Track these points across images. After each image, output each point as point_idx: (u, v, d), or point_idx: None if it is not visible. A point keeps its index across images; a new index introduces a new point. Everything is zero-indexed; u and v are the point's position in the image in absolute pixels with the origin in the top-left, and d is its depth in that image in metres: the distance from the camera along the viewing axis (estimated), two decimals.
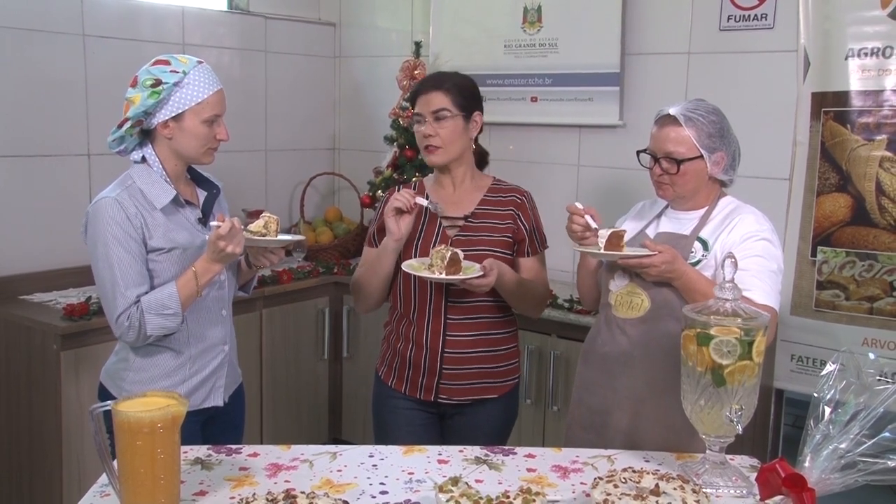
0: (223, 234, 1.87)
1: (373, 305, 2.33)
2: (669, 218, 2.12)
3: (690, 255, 1.99)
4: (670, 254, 1.90)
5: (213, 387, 2.12)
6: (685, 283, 1.92)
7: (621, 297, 2.05)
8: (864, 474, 1.36)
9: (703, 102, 2.05)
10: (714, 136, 2.00)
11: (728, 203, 2.07)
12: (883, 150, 2.87)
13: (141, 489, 1.43)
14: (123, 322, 1.93)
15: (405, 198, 2.14)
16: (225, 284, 2.14)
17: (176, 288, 1.94)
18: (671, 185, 2.03)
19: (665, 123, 2.02)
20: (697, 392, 1.62)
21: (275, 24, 4.18)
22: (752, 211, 2.04)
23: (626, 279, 2.04)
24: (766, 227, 2.00)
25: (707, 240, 2.01)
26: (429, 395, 2.24)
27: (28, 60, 3.21)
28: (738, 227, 1.98)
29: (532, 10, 3.69)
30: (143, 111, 1.94)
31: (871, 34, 2.85)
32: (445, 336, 2.21)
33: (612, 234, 1.93)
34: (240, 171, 3.94)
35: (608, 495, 1.42)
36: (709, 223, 2.03)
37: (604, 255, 1.96)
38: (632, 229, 2.15)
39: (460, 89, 2.22)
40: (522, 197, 2.30)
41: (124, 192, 1.97)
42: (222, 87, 2.03)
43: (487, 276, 2.07)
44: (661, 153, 2.02)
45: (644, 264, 1.91)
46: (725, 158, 2.02)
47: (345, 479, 1.65)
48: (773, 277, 1.95)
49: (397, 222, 2.15)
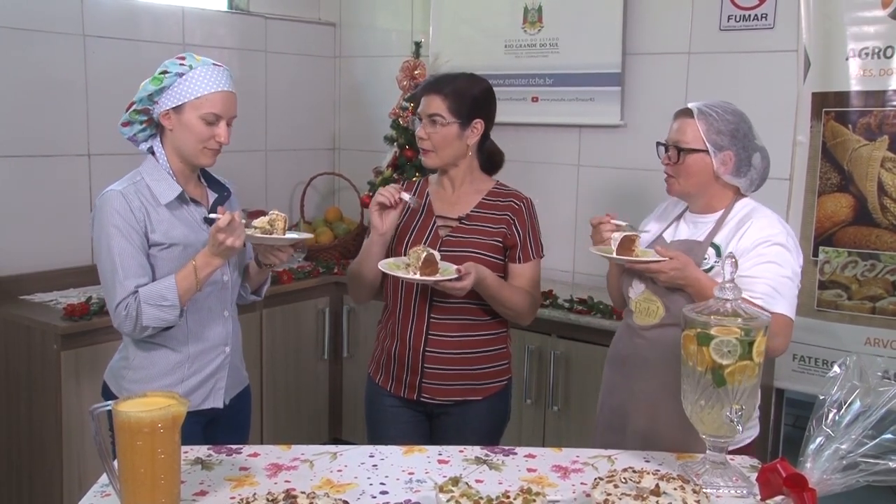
0: (222, 226, 1.88)
1: (364, 297, 2.35)
2: (687, 221, 2.11)
3: (704, 261, 1.98)
4: (682, 260, 1.90)
5: (214, 388, 2.12)
6: (697, 289, 1.90)
7: (639, 305, 2.06)
8: (865, 475, 1.36)
9: (727, 104, 2.04)
10: (724, 133, 1.98)
11: (743, 206, 2.03)
12: (885, 151, 2.87)
13: (141, 489, 1.43)
14: (121, 312, 1.94)
15: (389, 193, 2.15)
16: (228, 286, 2.14)
17: (175, 280, 1.94)
18: (675, 178, 2.04)
19: (680, 115, 2.05)
20: (698, 392, 1.61)
21: (275, 24, 4.17)
22: (766, 214, 2.00)
23: (643, 286, 2.05)
24: (780, 231, 1.96)
25: (720, 245, 1.98)
26: (412, 393, 2.24)
27: (28, 60, 3.21)
28: (750, 231, 1.95)
29: (532, 10, 3.69)
30: (145, 95, 1.98)
31: (872, 34, 2.85)
32: (428, 335, 2.21)
33: (625, 238, 1.93)
34: (240, 171, 3.93)
35: (608, 495, 1.42)
36: (723, 228, 2.01)
37: (615, 258, 1.96)
38: (654, 231, 2.16)
39: (460, 96, 2.18)
40: (521, 203, 2.26)
41: (131, 186, 2.00)
42: (231, 91, 2.02)
43: (463, 279, 2.05)
44: (670, 142, 2.04)
45: (653, 270, 1.92)
46: (733, 159, 1.99)
47: (345, 479, 1.65)
48: (787, 285, 1.91)
49: (381, 217, 2.16)
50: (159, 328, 1.98)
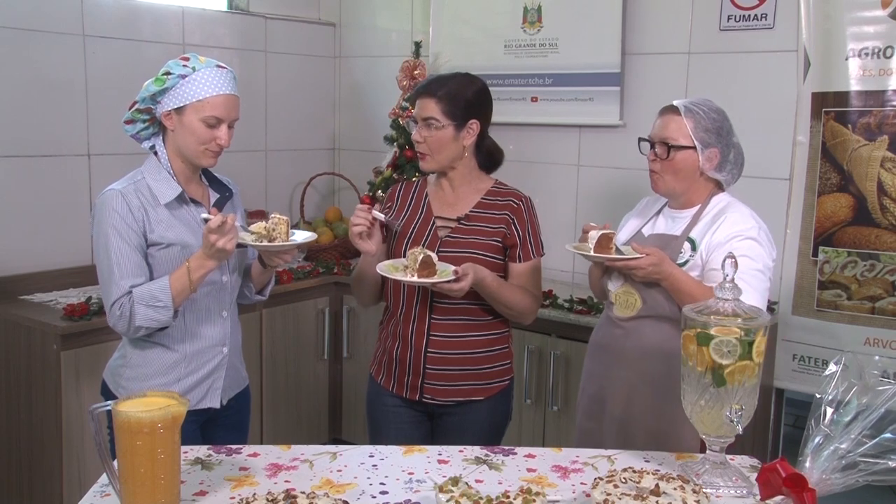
0: (213, 227, 1.88)
1: (369, 301, 2.39)
2: (666, 216, 2.19)
3: (679, 255, 2.07)
4: (657, 256, 1.98)
5: (211, 388, 2.12)
6: (672, 283, 2.00)
7: (619, 297, 2.16)
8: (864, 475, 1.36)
9: (708, 101, 2.12)
10: (710, 131, 2.06)
11: (719, 201, 2.11)
12: (884, 151, 2.87)
13: (141, 489, 1.43)
14: (115, 311, 1.95)
15: (361, 219, 2.16)
16: (227, 287, 2.14)
17: (168, 281, 1.94)
18: (662, 176, 2.10)
19: (666, 112, 2.12)
20: (697, 392, 1.61)
21: (275, 24, 4.18)
22: (740, 210, 2.08)
23: (622, 280, 2.15)
24: (752, 226, 2.04)
25: (696, 239, 2.07)
26: (414, 394, 2.24)
27: (28, 60, 3.21)
28: (724, 226, 2.04)
29: (532, 10, 3.69)
30: (147, 95, 1.99)
31: (872, 34, 2.85)
32: (429, 336, 2.21)
33: (602, 236, 2.01)
34: (240, 171, 3.93)
35: (608, 495, 1.42)
36: (699, 222, 2.09)
37: (593, 256, 2.04)
38: (633, 226, 2.25)
39: (453, 98, 2.17)
40: (520, 202, 2.25)
41: (131, 185, 2.01)
42: (234, 94, 2.02)
43: (461, 280, 2.05)
44: (657, 139, 2.10)
45: (630, 266, 2.00)
46: (718, 156, 2.07)
47: (345, 479, 1.65)
48: (758, 277, 2.00)
49: (365, 242, 2.17)
50: (153, 329, 1.98)
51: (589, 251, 2.04)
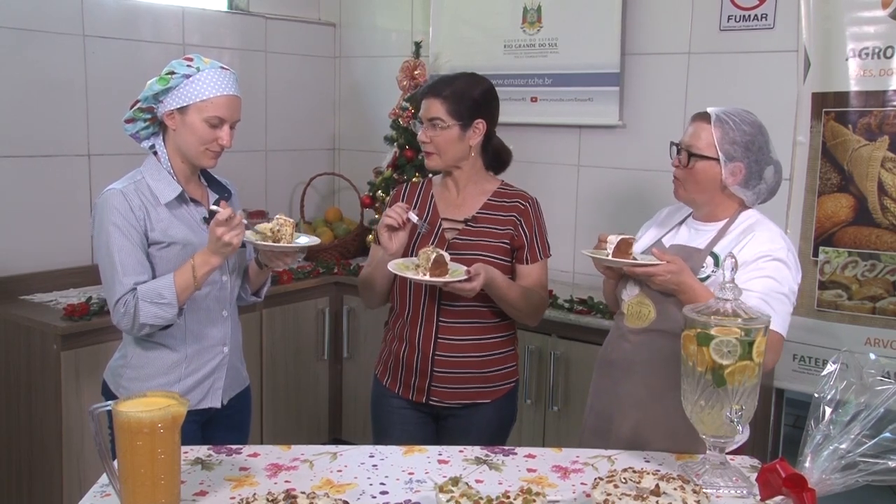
0: (221, 220, 1.88)
1: (377, 303, 2.37)
2: (689, 227, 2.08)
3: (701, 269, 1.95)
4: (677, 265, 1.86)
5: (211, 388, 2.12)
6: (689, 297, 1.86)
7: (631, 307, 2.04)
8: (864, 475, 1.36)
9: (748, 113, 1.99)
10: (738, 144, 1.94)
11: (747, 217, 2.00)
12: (885, 151, 2.87)
13: (141, 489, 1.43)
14: (119, 309, 1.95)
15: (396, 214, 2.14)
16: (227, 286, 2.14)
17: (173, 278, 1.95)
18: (683, 183, 2.01)
19: (697, 118, 2.01)
20: (697, 392, 1.61)
21: (275, 24, 4.17)
22: (769, 228, 1.96)
23: (637, 288, 2.02)
24: (781, 247, 1.92)
25: (720, 255, 1.95)
26: (420, 396, 2.23)
27: (28, 60, 3.21)
28: (752, 244, 1.92)
29: (532, 10, 3.69)
30: (150, 95, 1.99)
31: (872, 34, 2.85)
32: (437, 339, 2.20)
33: (622, 241, 1.91)
34: (240, 171, 3.93)
35: (608, 495, 1.42)
36: (725, 237, 1.98)
37: (611, 261, 1.93)
38: (653, 236, 2.14)
39: (459, 97, 2.17)
40: (526, 203, 2.25)
41: (131, 185, 2.01)
42: (237, 95, 2.03)
43: (473, 280, 2.05)
44: (683, 145, 2.01)
45: (649, 273, 1.88)
46: (744, 171, 1.95)
47: (345, 479, 1.65)
48: (783, 301, 1.89)
49: (391, 238, 2.15)
50: (157, 326, 1.98)
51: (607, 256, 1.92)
